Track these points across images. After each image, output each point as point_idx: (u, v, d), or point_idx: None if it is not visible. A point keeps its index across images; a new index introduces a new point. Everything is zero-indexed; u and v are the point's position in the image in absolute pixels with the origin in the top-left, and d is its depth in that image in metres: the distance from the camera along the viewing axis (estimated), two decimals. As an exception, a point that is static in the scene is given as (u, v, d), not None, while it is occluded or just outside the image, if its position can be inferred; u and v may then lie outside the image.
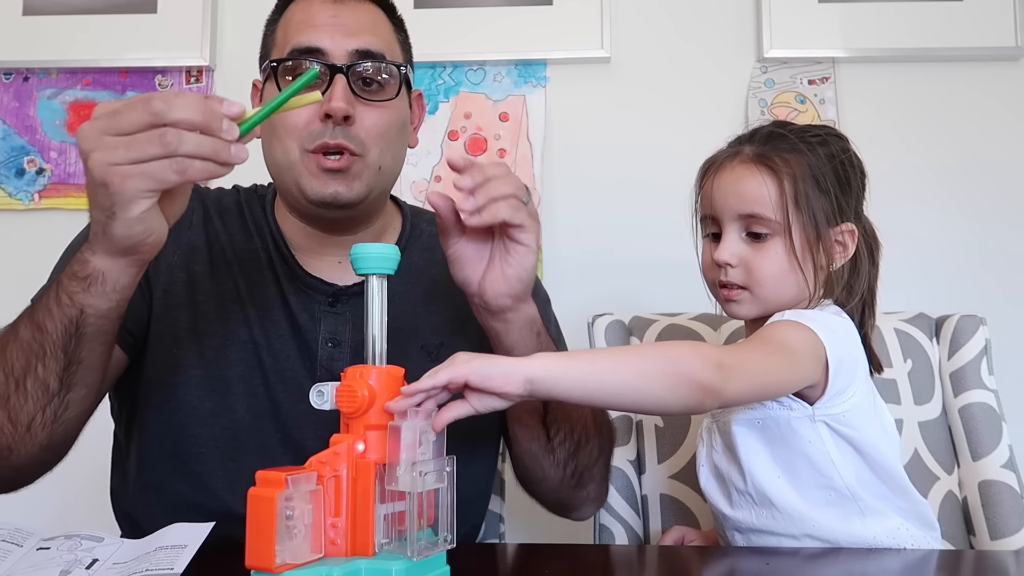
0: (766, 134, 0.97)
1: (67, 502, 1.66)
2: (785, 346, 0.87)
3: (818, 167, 0.93)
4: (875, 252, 1.01)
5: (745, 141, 0.98)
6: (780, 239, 0.93)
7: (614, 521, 1.22)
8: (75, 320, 0.81)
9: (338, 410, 0.72)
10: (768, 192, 0.92)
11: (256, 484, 0.65)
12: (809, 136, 0.96)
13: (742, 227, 0.94)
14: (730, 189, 0.95)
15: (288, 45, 0.98)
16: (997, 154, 1.72)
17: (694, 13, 1.77)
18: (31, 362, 0.82)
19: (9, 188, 1.77)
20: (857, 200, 0.97)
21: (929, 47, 1.72)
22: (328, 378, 0.97)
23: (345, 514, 0.69)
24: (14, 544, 0.77)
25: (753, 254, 0.93)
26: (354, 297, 1.02)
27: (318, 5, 1.00)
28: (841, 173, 0.94)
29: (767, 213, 0.92)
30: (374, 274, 0.75)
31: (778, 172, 0.92)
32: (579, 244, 1.73)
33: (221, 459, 0.98)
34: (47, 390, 0.83)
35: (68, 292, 0.81)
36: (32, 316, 0.83)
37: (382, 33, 1.02)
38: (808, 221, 0.92)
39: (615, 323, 1.33)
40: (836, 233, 0.94)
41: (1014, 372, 1.51)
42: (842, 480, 0.92)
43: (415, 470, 0.68)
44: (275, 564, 0.63)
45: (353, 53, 0.97)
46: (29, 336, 0.83)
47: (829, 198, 0.93)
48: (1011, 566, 0.93)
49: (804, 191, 0.92)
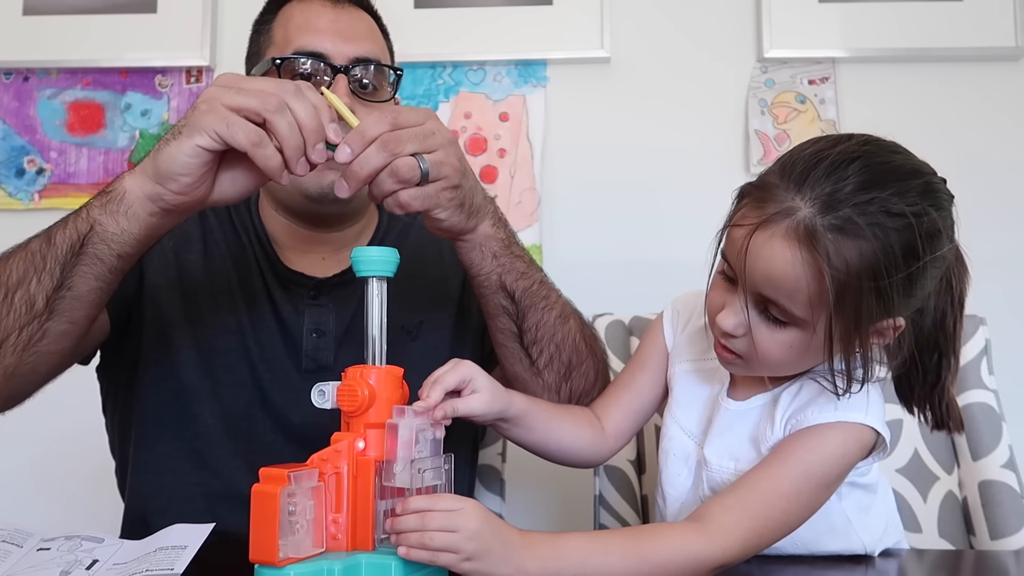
0: (838, 193, 0.72)
1: (67, 502, 1.66)
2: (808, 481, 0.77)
3: (886, 261, 0.71)
4: (958, 281, 0.80)
5: (809, 191, 0.73)
6: (800, 330, 0.76)
7: (614, 521, 1.22)
8: (83, 236, 0.82)
9: (339, 409, 0.74)
10: (804, 288, 0.73)
11: (259, 479, 0.66)
12: (902, 204, 0.71)
13: (759, 302, 0.77)
14: (759, 263, 0.74)
15: (291, 45, 1.01)
16: (997, 154, 1.72)
17: (694, 13, 1.77)
18: (28, 274, 0.83)
19: (9, 188, 1.77)
20: (930, 288, 0.77)
21: (929, 47, 1.71)
22: (314, 367, 1.03)
23: (346, 510, 0.70)
24: (14, 544, 0.77)
25: (763, 331, 0.77)
26: (335, 288, 1.06)
27: (318, 9, 1.03)
28: (916, 270, 0.73)
29: (794, 310, 0.75)
30: (373, 276, 0.77)
31: (823, 267, 0.71)
32: (579, 244, 1.72)
33: (222, 438, 1.01)
34: (31, 307, 0.84)
35: (88, 207, 0.83)
36: (49, 230, 0.85)
37: (377, 40, 1.07)
38: (840, 321, 0.73)
39: (615, 323, 1.33)
40: (875, 327, 0.76)
41: (1014, 372, 1.51)
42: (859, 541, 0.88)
43: (413, 467, 0.69)
44: (278, 558, 0.64)
45: (353, 58, 1.01)
46: (36, 247, 0.84)
47: (883, 298, 0.72)
48: (1011, 566, 0.93)
49: (851, 294, 0.71)
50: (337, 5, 1.05)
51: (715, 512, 0.77)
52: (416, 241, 1.12)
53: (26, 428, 1.76)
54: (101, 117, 1.79)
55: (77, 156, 1.78)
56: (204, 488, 1.00)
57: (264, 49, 1.06)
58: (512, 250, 0.95)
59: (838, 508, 0.86)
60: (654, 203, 1.73)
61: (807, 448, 0.78)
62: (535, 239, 1.70)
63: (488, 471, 1.26)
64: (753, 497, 0.77)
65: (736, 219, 0.78)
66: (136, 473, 1.04)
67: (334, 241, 1.10)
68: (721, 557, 0.75)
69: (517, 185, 1.72)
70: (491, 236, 0.92)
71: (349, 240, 1.11)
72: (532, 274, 0.97)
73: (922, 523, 1.19)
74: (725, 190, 1.62)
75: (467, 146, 1.75)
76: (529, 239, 1.70)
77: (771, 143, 1.71)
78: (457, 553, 0.68)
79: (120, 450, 1.10)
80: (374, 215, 1.17)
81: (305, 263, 1.08)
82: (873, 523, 0.90)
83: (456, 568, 0.69)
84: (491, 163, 1.74)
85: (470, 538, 0.68)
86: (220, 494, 1.00)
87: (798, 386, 0.83)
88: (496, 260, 0.93)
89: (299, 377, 1.03)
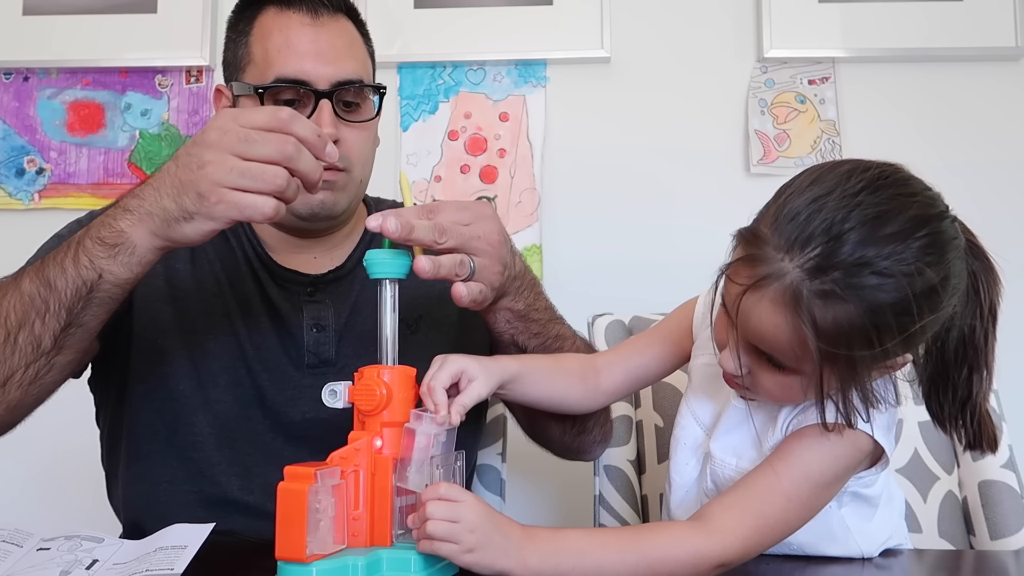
0: (830, 257, 0.69)
1: (67, 502, 1.66)
2: (807, 480, 0.77)
3: (876, 323, 0.69)
4: (987, 292, 0.79)
5: (798, 253, 0.70)
6: (798, 375, 0.75)
7: (614, 521, 1.22)
8: (90, 283, 0.81)
9: (351, 408, 0.76)
10: (792, 350, 0.73)
11: (284, 479, 0.68)
12: (897, 266, 0.69)
13: (755, 351, 0.76)
14: (751, 323, 0.74)
15: (271, 69, 1.00)
16: (997, 154, 1.72)
17: (694, 13, 1.77)
18: (29, 316, 0.82)
19: (9, 188, 1.77)
20: (937, 324, 0.75)
21: (929, 47, 1.71)
22: (316, 362, 1.03)
23: (364, 507, 0.72)
24: (14, 544, 0.77)
25: (763, 373, 0.77)
26: (330, 284, 1.07)
27: (296, 28, 1.01)
28: (913, 325, 0.70)
29: (787, 364, 0.75)
30: (387, 278, 0.79)
31: (806, 329, 0.70)
32: (579, 244, 1.72)
33: (217, 445, 1.01)
34: (38, 347, 0.83)
35: (90, 255, 0.81)
36: (41, 271, 0.83)
37: (358, 55, 1.06)
38: (840, 373, 0.73)
39: (615, 323, 1.33)
40: (882, 366, 0.76)
41: (1014, 372, 1.51)
42: (858, 548, 0.88)
43: (426, 470, 0.72)
44: (306, 555, 0.66)
45: (335, 82, 1.01)
46: (34, 290, 0.82)
47: (878, 353, 0.71)
48: (1011, 566, 0.93)
49: (842, 354, 0.71)
50: (316, 18, 1.02)
51: (716, 511, 0.77)
52: None
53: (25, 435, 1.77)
54: (101, 117, 1.79)
55: (77, 156, 1.78)
56: (200, 495, 1.00)
57: (242, 63, 1.05)
58: (530, 315, 0.97)
59: (837, 515, 0.86)
60: (654, 202, 1.73)
61: (806, 447, 0.78)
62: (535, 239, 1.70)
63: (488, 470, 1.26)
64: (754, 496, 0.77)
65: (730, 272, 0.76)
66: (131, 484, 1.04)
67: (324, 242, 1.11)
68: (721, 554, 0.74)
69: (517, 185, 1.72)
70: (509, 307, 0.94)
71: (339, 240, 1.12)
72: (548, 331, 0.99)
73: (922, 523, 1.19)
74: (725, 190, 1.63)
75: (467, 146, 1.75)
76: (529, 239, 1.70)
77: (771, 143, 1.71)
78: (458, 544, 0.68)
79: (109, 462, 1.10)
80: (363, 214, 1.17)
81: (298, 262, 1.08)
82: (875, 532, 0.89)
83: (457, 559, 0.69)
84: (491, 163, 1.74)
85: (471, 530, 0.69)
86: (217, 501, 1.00)
87: None
88: (510, 324, 0.96)
89: (298, 374, 1.03)
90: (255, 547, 0.76)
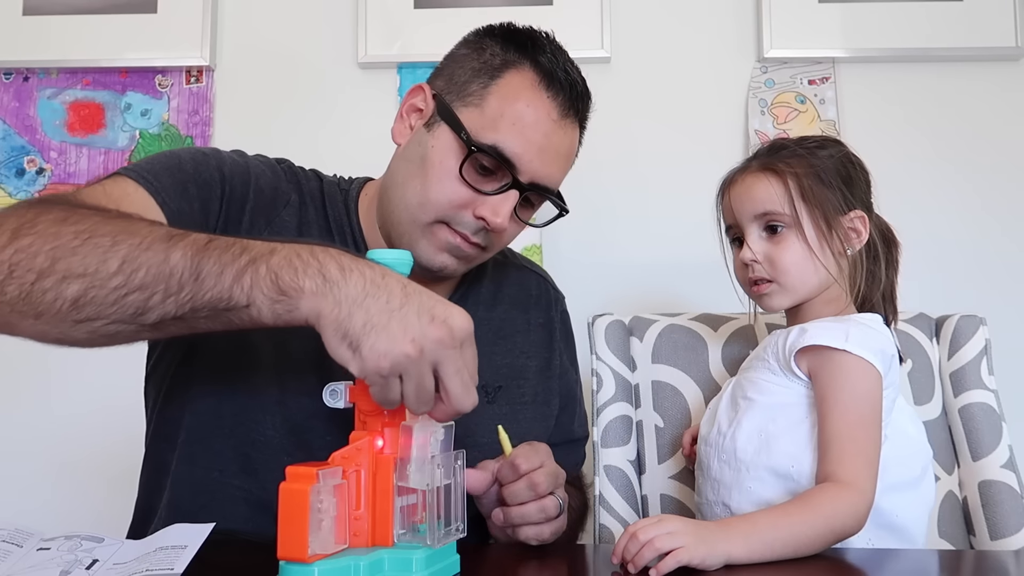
0: (767, 148, 1.09)
1: (68, 502, 1.66)
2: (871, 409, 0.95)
3: (819, 165, 1.03)
4: (893, 250, 1.10)
5: (752, 158, 1.09)
6: (795, 231, 1.02)
7: (614, 521, 1.22)
8: (233, 304, 0.74)
9: (353, 407, 0.76)
10: (776, 192, 1.03)
11: (287, 479, 0.68)
12: (807, 143, 1.06)
13: (760, 226, 1.04)
14: (744, 196, 1.05)
15: (493, 135, 0.97)
16: (997, 154, 1.72)
17: (694, 13, 1.77)
18: (157, 286, 0.74)
19: (9, 188, 1.77)
20: (864, 192, 1.07)
21: (929, 47, 1.72)
22: None
23: (366, 507, 0.72)
24: (14, 544, 0.77)
25: (773, 248, 1.03)
26: None
27: (543, 116, 0.99)
28: (842, 169, 1.05)
29: (778, 209, 1.02)
30: None
31: (782, 174, 1.03)
32: (579, 244, 1.73)
33: (276, 451, 0.96)
34: (138, 314, 0.75)
35: (256, 283, 0.74)
36: (199, 255, 0.75)
37: (568, 166, 1.06)
38: (817, 211, 1.02)
39: (615, 323, 1.33)
40: (847, 220, 1.03)
41: (1014, 372, 1.51)
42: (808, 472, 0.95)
43: (427, 468, 0.72)
44: (308, 554, 0.66)
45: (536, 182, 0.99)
46: (179, 268, 0.74)
47: (834, 190, 1.02)
48: (1011, 566, 0.93)
49: (808, 186, 1.02)
50: (562, 119, 1.01)
51: (835, 469, 0.90)
52: (509, 291, 1.16)
53: (26, 435, 1.76)
54: (101, 117, 1.79)
55: (77, 156, 1.78)
56: (247, 495, 0.96)
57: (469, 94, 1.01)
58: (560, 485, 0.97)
59: None
60: (654, 203, 1.73)
61: (834, 379, 0.95)
62: (535, 239, 1.70)
63: (488, 471, 1.26)
64: (842, 440, 0.92)
65: (721, 199, 1.11)
66: (182, 463, 0.99)
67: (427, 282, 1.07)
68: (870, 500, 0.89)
69: (517, 185, 1.72)
70: None
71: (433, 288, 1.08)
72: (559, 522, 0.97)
73: (922, 523, 1.19)
74: (725, 190, 1.56)
75: (467, 146, 1.74)
76: (529, 239, 1.70)
77: (771, 143, 1.71)
78: (684, 546, 0.77)
79: (166, 432, 1.03)
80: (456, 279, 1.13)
81: None
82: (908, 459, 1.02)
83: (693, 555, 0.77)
84: (491, 163, 1.73)
85: (686, 531, 0.78)
86: (263, 504, 0.93)
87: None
88: None
89: None
90: (256, 547, 0.76)
